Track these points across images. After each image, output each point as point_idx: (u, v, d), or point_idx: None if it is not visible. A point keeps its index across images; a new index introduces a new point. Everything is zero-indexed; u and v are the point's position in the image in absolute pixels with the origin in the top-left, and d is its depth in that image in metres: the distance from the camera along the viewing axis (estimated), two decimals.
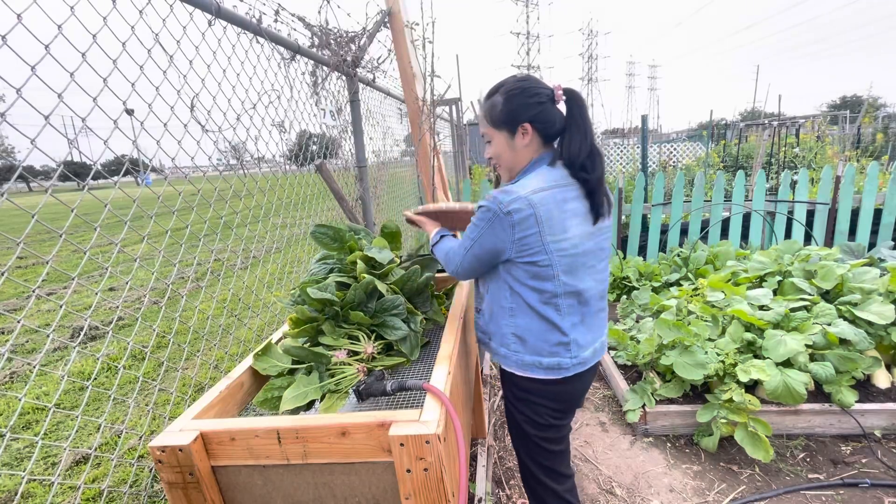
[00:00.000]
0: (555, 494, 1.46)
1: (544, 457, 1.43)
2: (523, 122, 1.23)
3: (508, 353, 1.35)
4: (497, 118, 1.26)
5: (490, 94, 1.29)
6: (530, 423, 1.39)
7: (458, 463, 1.01)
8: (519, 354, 1.32)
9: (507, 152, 1.29)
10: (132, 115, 1.44)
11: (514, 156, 1.28)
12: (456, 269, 1.37)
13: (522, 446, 1.46)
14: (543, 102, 1.22)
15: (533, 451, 1.44)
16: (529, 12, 53.70)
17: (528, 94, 1.22)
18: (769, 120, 9.49)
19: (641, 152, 5.02)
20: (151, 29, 1.34)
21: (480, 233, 1.24)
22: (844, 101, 43.49)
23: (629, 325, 3.22)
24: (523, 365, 1.33)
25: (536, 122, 1.23)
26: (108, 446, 2.47)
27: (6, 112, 1.02)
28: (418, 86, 3.11)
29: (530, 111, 1.22)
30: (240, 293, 4.22)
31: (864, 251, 3.39)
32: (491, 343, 1.41)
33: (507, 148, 1.28)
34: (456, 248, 1.36)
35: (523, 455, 1.47)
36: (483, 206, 1.22)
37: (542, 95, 1.22)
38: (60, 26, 1.11)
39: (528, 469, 1.48)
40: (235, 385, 1.22)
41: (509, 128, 1.25)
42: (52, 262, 1.12)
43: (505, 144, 1.28)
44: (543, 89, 1.23)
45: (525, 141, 1.25)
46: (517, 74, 1.30)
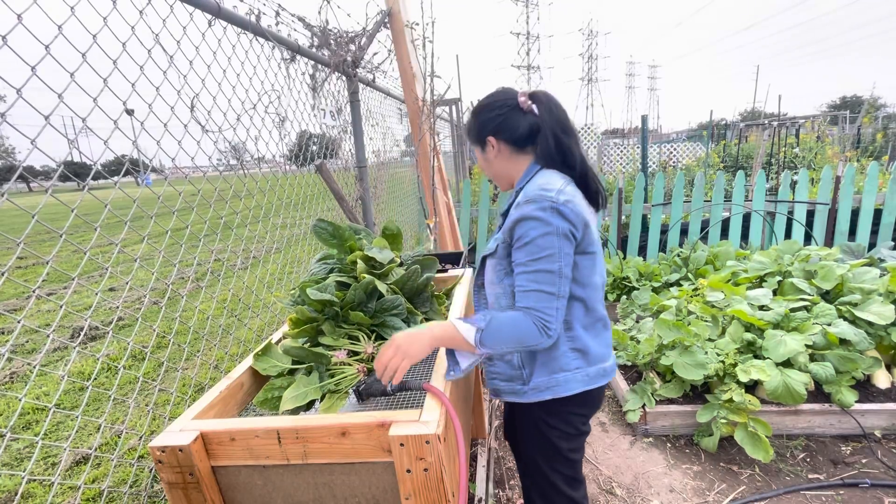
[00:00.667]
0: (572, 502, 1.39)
1: (569, 466, 1.36)
2: (487, 136, 1.25)
3: (566, 379, 1.21)
4: (472, 136, 1.31)
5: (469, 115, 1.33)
6: (564, 438, 1.30)
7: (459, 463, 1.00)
8: (581, 371, 1.21)
9: (486, 166, 1.32)
10: (132, 115, 1.44)
11: (490, 168, 1.30)
12: (557, 313, 1.10)
13: (549, 461, 1.34)
14: (504, 112, 1.22)
15: (559, 464, 1.34)
16: (529, 12, 53.71)
17: (490, 109, 1.24)
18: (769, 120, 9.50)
19: (641, 152, 5.02)
20: (151, 29, 1.35)
21: (558, 234, 1.09)
22: (844, 102, 43.50)
23: (629, 325, 3.22)
24: (587, 380, 1.22)
25: (501, 133, 1.24)
26: (108, 446, 2.47)
27: (6, 112, 1.02)
28: (418, 86, 3.11)
29: (491, 124, 1.24)
30: (240, 293, 4.22)
31: (864, 251, 3.40)
32: (528, 387, 1.24)
33: (484, 161, 1.31)
34: (538, 300, 1.09)
35: (547, 469, 1.35)
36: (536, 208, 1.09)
37: (504, 106, 1.22)
38: (60, 26, 1.11)
39: (549, 482, 1.37)
40: (235, 385, 1.22)
41: (480, 144, 1.28)
42: (52, 262, 1.12)
43: (482, 159, 1.31)
44: (507, 99, 1.23)
45: (495, 152, 1.26)
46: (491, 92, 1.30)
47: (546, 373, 1.22)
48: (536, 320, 1.09)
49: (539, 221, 1.09)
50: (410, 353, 1.08)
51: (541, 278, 1.10)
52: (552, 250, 1.09)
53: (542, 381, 1.23)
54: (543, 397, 1.23)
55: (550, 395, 1.23)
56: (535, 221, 1.09)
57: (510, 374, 1.28)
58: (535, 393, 1.24)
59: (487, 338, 1.10)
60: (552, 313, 1.09)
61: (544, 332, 1.09)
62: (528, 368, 1.24)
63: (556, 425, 1.29)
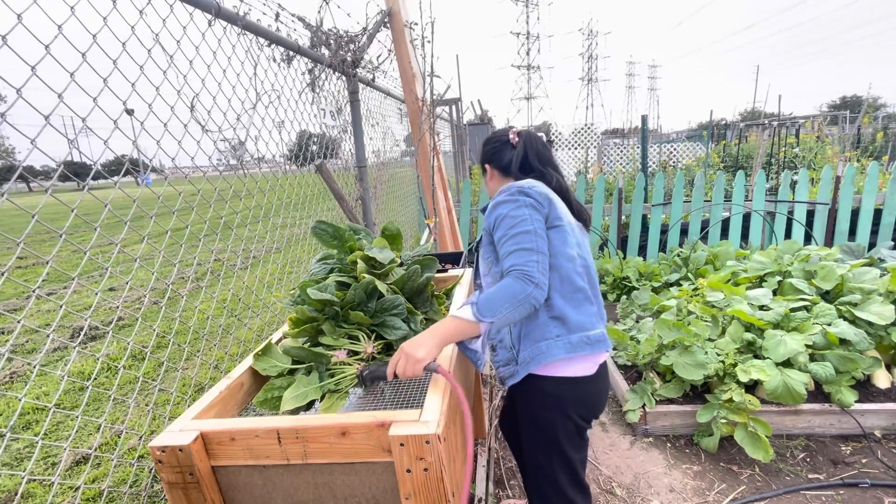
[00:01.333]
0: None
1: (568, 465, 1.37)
2: (485, 163, 1.56)
3: (548, 346, 1.26)
4: (480, 161, 1.61)
5: None
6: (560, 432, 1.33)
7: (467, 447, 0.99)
8: (562, 338, 1.26)
9: (485, 184, 1.61)
10: (132, 115, 1.44)
11: (488, 186, 1.59)
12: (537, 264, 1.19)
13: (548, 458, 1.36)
14: (497, 146, 1.52)
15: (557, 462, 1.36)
16: (529, 12, 53.70)
17: (489, 143, 1.56)
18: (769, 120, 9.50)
19: (641, 152, 5.03)
20: (151, 29, 1.35)
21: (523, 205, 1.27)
22: (844, 102, 43.49)
23: (629, 325, 3.22)
24: (569, 347, 1.26)
25: (493, 162, 1.54)
26: (108, 446, 2.47)
27: (6, 112, 1.02)
28: (418, 86, 3.11)
29: (487, 155, 1.55)
30: (240, 293, 4.22)
31: (864, 251, 3.39)
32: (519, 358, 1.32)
33: (484, 181, 1.61)
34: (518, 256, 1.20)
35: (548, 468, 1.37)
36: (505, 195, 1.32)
37: (499, 141, 1.52)
38: (60, 26, 1.11)
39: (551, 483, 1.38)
40: (235, 385, 1.22)
41: (482, 168, 1.59)
42: (52, 262, 1.12)
43: (484, 179, 1.61)
44: (502, 136, 1.53)
45: (489, 175, 1.56)
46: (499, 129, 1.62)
47: (529, 344, 1.30)
48: (519, 274, 1.18)
49: (507, 202, 1.30)
50: (420, 357, 1.11)
51: (519, 239, 1.23)
52: (523, 216, 1.26)
53: (527, 353, 1.30)
54: (530, 368, 1.29)
55: (535, 365, 1.28)
56: (504, 203, 1.30)
57: (507, 357, 1.36)
58: (524, 367, 1.30)
59: (483, 307, 1.16)
60: (532, 265, 1.19)
61: (529, 280, 1.16)
62: (517, 344, 1.33)
63: (549, 418, 1.32)
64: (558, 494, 1.38)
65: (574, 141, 11.79)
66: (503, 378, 1.39)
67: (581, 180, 4.84)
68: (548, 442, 1.34)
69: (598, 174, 5.99)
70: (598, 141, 12.03)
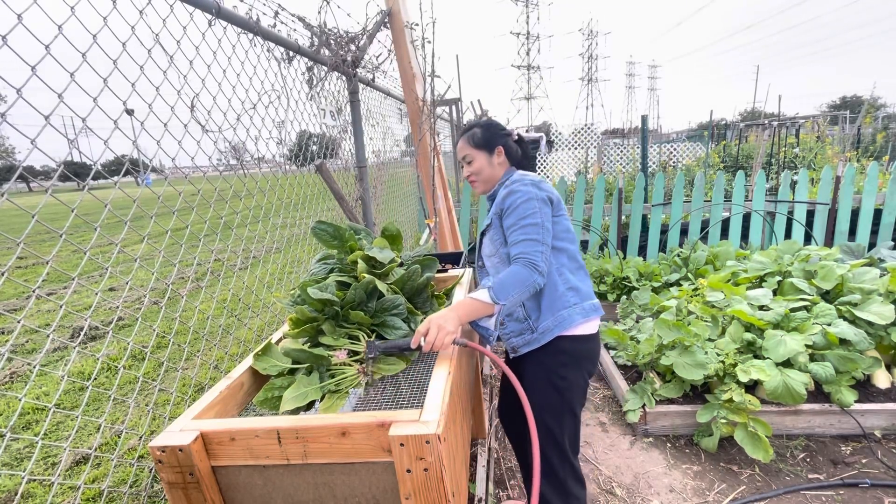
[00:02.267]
0: (573, 470, 1.51)
1: (573, 425, 1.51)
2: (497, 145, 1.61)
3: (569, 314, 1.44)
4: (478, 142, 1.62)
5: (469, 127, 1.66)
6: (571, 389, 1.47)
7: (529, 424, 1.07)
8: (578, 305, 1.46)
9: (486, 167, 1.62)
10: (132, 115, 1.44)
11: (492, 170, 1.62)
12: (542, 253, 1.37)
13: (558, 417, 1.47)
14: (508, 136, 1.64)
15: (567, 423, 1.48)
16: (529, 12, 53.69)
17: (498, 128, 1.65)
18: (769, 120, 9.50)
19: (641, 152, 5.03)
20: (151, 29, 1.35)
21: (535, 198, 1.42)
22: (844, 102, 43.49)
23: (629, 325, 3.22)
24: (584, 312, 1.46)
25: (506, 147, 1.63)
26: (108, 446, 2.47)
27: (6, 112, 1.02)
28: (418, 86, 3.11)
29: (501, 139, 1.62)
30: (240, 293, 4.22)
31: (864, 251, 3.39)
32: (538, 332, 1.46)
33: (487, 164, 1.62)
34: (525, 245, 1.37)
35: (557, 430, 1.47)
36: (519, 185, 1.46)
37: (507, 131, 1.65)
38: (60, 26, 1.11)
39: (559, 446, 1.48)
40: (235, 385, 1.22)
41: (488, 149, 1.61)
42: (52, 262, 1.12)
43: (485, 161, 1.62)
44: (506, 129, 1.67)
45: (500, 159, 1.62)
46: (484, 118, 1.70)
47: (551, 313, 1.45)
48: (525, 262, 1.35)
49: (521, 192, 1.44)
50: (450, 330, 1.24)
51: (528, 230, 1.39)
52: (533, 209, 1.41)
53: (549, 321, 1.45)
54: (554, 334, 1.45)
55: (559, 330, 1.44)
56: (519, 192, 1.44)
57: (520, 328, 1.50)
58: (546, 334, 1.45)
59: (498, 291, 1.32)
60: (537, 255, 1.36)
61: (534, 269, 1.34)
62: (533, 315, 1.47)
63: (562, 374, 1.46)
64: (563, 458, 1.49)
65: (574, 141, 11.79)
66: (515, 347, 1.53)
67: (581, 180, 4.84)
68: (562, 401, 1.47)
69: (598, 174, 5.99)
70: (598, 141, 12.03)
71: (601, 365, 3.04)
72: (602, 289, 3.84)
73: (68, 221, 1.35)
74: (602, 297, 3.84)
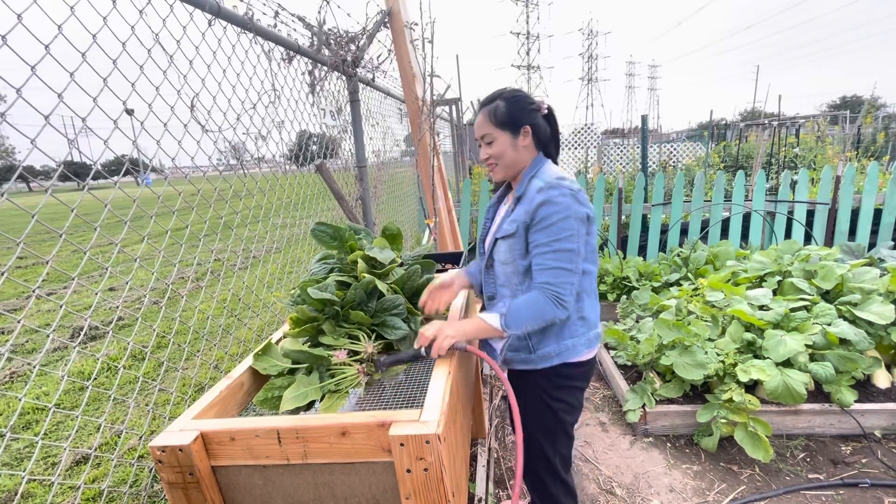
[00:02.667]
0: (565, 485, 1.49)
1: (567, 444, 1.47)
2: (525, 124, 1.35)
3: (574, 344, 1.35)
4: (501, 119, 1.34)
5: (491, 100, 1.37)
6: (568, 411, 1.42)
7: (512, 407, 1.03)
8: (584, 336, 1.37)
9: (509, 151, 1.36)
10: (132, 115, 1.44)
11: (516, 155, 1.37)
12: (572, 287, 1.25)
13: (551, 437, 1.44)
14: (537, 111, 1.36)
15: (561, 443, 1.45)
16: (529, 12, 53.66)
17: (528, 102, 1.36)
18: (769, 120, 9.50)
19: (641, 152, 5.02)
20: (151, 29, 1.34)
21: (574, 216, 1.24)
22: (844, 102, 43.48)
23: (629, 325, 3.22)
24: (588, 343, 1.37)
25: (535, 127, 1.36)
26: (108, 446, 2.47)
27: (6, 112, 1.02)
28: (418, 86, 3.11)
29: (529, 116, 1.35)
30: (240, 293, 4.22)
31: (864, 251, 3.39)
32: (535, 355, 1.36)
33: (510, 147, 1.36)
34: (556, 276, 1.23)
35: (549, 450, 1.44)
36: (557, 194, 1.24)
37: (535, 105, 1.37)
38: (60, 26, 1.11)
39: (550, 465, 1.46)
40: (235, 385, 1.22)
41: (512, 129, 1.35)
42: (52, 262, 1.12)
43: (508, 143, 1.36)
44: (535, 100, 1.38)
45: (526, 142, 1.36)
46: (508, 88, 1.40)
47: (555, 341, 1.35)
48: (551, 296, 1.23)
49: (560, 206, 1.23)
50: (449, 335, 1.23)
51: (561, 257, 1.23)
52: (571, 231, 1.23)
53: (551, 349, 1.35)
54: (555, 362, 1.36)
55: (559, 360, 1.36)
56: (557, 206, 1.23)
57: (516, 344, 1.39)
58: (545, 360, 1.36)
59: (511, 320, 1.25)
60: (567, 288, 1.24)
61: (559, 305, 1.23)
62: (534, 339, 1.36)
63: (561, 398, 1.40)
64: (554, 476, 1.48)
65: (574, 141, 11.79)
66: (508, 361, 1.43)
67: (581, 180, 4.84)
68: (556, 421, 1.42)
69: (597, 174, 5.99)
70: (598, 141, 12.04)
71: (601, 365, 3.04)
72: (602, 289, 3.84)
73: (68, 221, 1.35)
74: (602, 297, 3.84)
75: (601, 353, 3.05)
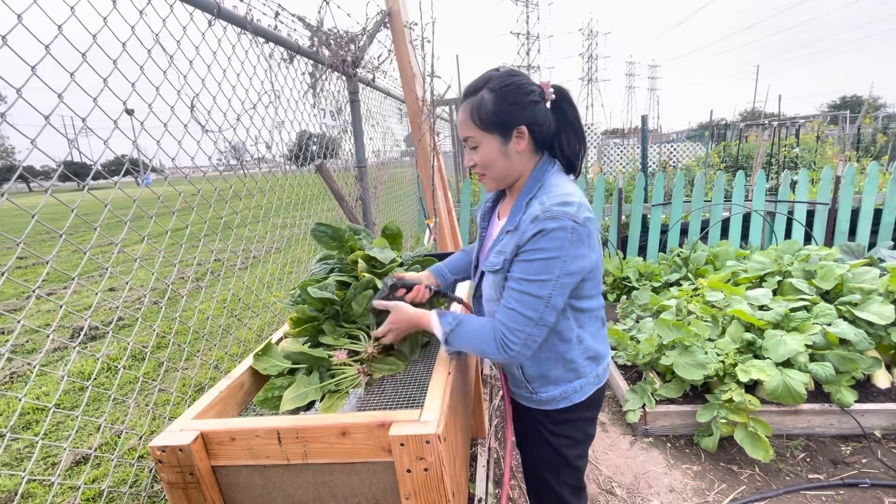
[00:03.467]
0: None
1: (574, 475, 1.32)
2: (519, 124, 1.06)
3: (581, 385, 1.20)
4: (487, 119, 1.06)
5: (474, 90, 1.08)
6: (572, 445, 1.27)
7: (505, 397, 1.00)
8: (593, 374, 1.22)
9: (499, 160, 1.10)
10: (132, 115, 1.44)
11: (508, 164, 1.10)
12: (526, 338, 1.05)
13: (554, 472, 1.30)
14: (538, 102, 1.06)
15: (565, 474, 1.30)
16: (529, 12, 53.68)
17: (522, 92, 1.05)
18: (769, 120, 9.50)
19: (641, 152, 5.02)
20: (151, 29, 1.34)
21: (563, 261, 1.01)
22: (844, 102, 43.49)
23: (629, 325, 3.22)
24: (597, 380, 1.23)
25: (533, 125, 1.07)
26: (108, 446, 2.47)
27: (6, 112, 1.02)
28: (418, 86, 3.11)
29: (526, 112, 1.05)
30: (240, 293, 4.22)
31: (864, 251, 3.39)
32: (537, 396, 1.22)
33: (500, 155, 1.09)
34: (512, 320, 1.05)
35: (554, 482, 1.30)
36: (555, 228, 1.00)
37: (535, 94, 1.06)
38: (60, 26, 1.11)
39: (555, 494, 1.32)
40: (235, 385, 1.22)
41: (502, 131, 1.07)
42: (52, 262, 1.12)
43: (497, 150, 1.09)
44: (535, 86, 1.07)
45: (521, 146, 1.08)
46: (502, 68, 1.10)
47: (561, 386, 1.20)
48: (500, 336, 1.07)
49: (552, 244, 1.01)
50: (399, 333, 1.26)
51: (525, 301, 1.04)
52: (549, 276, 1.02)
53: (556, 393, 1.21)
54: (558, 406, 1.22)
55: (566, 403, 1.21)
56: (549, 239, 1.01)
57: (516, 381, 1.28)
58: (550, 403, 1.23)
59: (454, 339, 1.15)
60: (519, 336, 1.05)
61: (503, 349, 1.07)
62: (535, 384, 1.22)
63: (564, 433, 1.26)
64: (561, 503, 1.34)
65: None
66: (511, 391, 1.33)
67: (581, 180, 4.84)
68: (558, 457, 1.28)
69: (597, 174, 5.99)
70: (598, 141, 12.03)
71: None
72: (602, 289, 3.84)
73: (68, 221, 1.35)
74: (602, 297, 3.84)
75: None
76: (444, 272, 1.49)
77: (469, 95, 1.09)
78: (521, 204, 1.10)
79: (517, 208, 1.11)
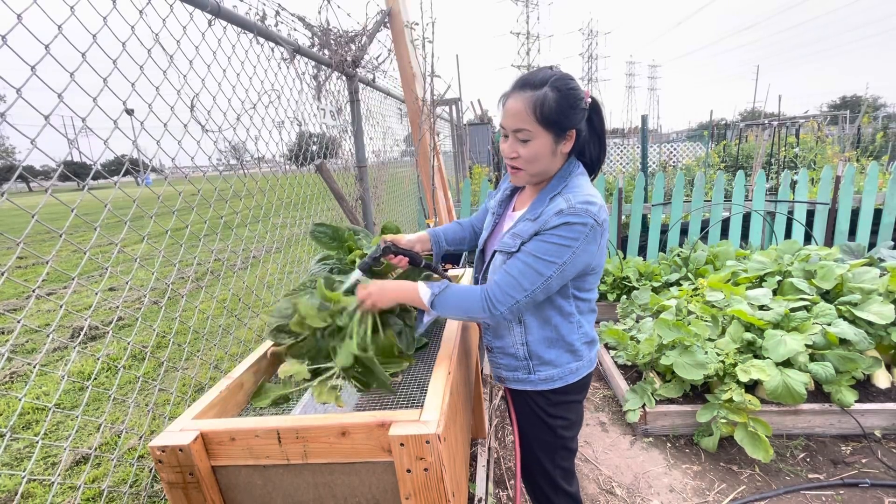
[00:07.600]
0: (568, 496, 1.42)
1: (568, 458, 1.41)
2: (572, 127, 1.12)
3: (577, 367, 1.29)
4: (549, 116, 1.08)
5: (538, 84, 1.09)
6: (567, 427, 1.36)
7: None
8: (587, 356, 1.32)
9: (546, 157, 1.14)
10: (132, 115, 1.44)
11: (551, 162, 1.16)
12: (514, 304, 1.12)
13: (550, 454, 1.38)
14: (585, 109, 1.14)
15: (560, 457, 1.39)
16: (529, 12, 53.70)
17: (579, 97, 1.11)
18: (769, 120, 9.50)
19: (641, 152, 5.02)
20: (151, 29, 1.34)
21: (574, 252, 1.09)
22: (844, 101, 43.50)
23: (629, 325, 3.22)
24: (590, 363, 1.33)
25: (580, 130, 1.15)
26: (108, 446, 2.47)
27: (6, 112, 1.02)
28: (418, 86, 3.11)
29: (578, 116, 1.12)
30: (240, 293, 4.22)
31: (864, 251, 3.39)
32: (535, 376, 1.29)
33: (549, 153, 1.13)
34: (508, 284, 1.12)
35: (549, 465, 1.38)
36: (577, 223, 1.08)
37: (584, 101, 1.13)
38: (60, 26, 1.11)
39: (550, 478, 1.40)
40: (235, 385, 1.22)
41: (558, 131, 1.11)
42: (52, 262, 1.12)
43: (548, 148, 1.12)
44: (580, 93, 1.13)
45: (566, 148, 1.15)
46: (556, 69, 1.14)
47: (558, 366, 1.29)
48: (488, 297, 1.13)
49: (573, 232, 1.08)
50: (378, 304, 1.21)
51: (527, 273, 1.11)
52: (557, 260, 1.09)
53: (553, 373, 1.29)
54: (554, 386, 1.29)
55: (562, 383, 1.29)
56: (571, 230, 1.08)
57: (515, 364, 1.32)
58: (546, 383, 1.30)
59: (439, 303, 1.18)
60: (508, 302, 1.12)
61: (489, 310, 1.13)
62: (535, 362, 1.29)
63: (560, 414, 1.34)
64: (555, 489, 1.42)
65: None
66: (502, 379, 1.38)
67: None
68: (555, 437, 1.36)
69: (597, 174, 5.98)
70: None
71: (601, 365, 3.04)
72: (602, 289, 3.84)
73: (68, 221, 1.35)
74: (602, 297, 3.84)
75: (601, 353, 3.04)
76: (441, 240, 1.52)
77: (529, 88, 1.10)
78: (545, 198, 1.17)
79: (539, 202, 1.18)
